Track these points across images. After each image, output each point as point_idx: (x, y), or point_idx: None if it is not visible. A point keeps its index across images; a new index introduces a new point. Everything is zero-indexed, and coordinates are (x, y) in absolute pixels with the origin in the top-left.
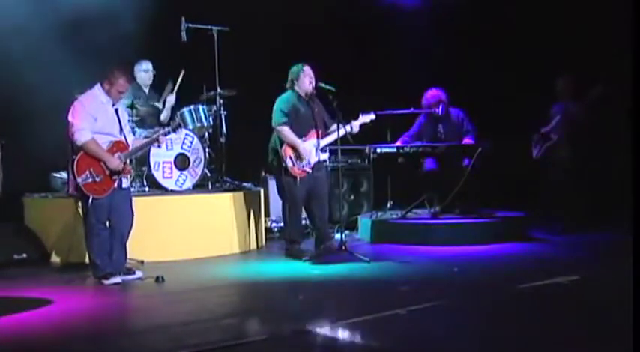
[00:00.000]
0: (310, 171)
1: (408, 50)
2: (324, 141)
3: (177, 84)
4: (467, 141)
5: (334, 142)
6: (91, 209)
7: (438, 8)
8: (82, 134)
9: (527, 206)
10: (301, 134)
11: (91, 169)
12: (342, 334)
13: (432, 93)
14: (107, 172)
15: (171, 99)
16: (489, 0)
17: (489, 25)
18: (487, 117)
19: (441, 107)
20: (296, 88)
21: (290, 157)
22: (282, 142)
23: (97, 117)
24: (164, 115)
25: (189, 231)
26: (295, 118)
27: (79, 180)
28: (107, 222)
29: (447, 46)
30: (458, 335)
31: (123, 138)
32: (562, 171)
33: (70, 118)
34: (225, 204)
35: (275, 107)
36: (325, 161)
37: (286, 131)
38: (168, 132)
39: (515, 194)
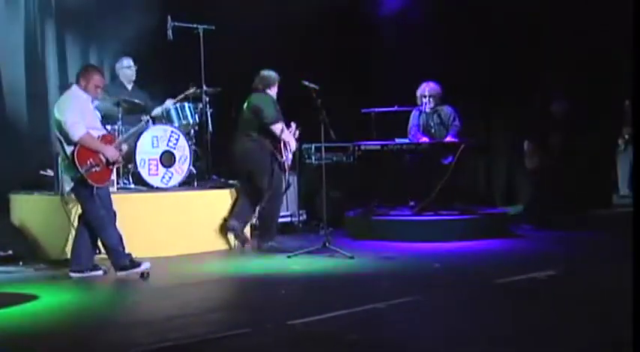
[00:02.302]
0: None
1: (395, 48)
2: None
3: (181, 97)
4: (449, 138)
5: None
6: (97, 200)
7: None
8: (77, 128)
9: (510, 202)
10: None
11: (90, 160)
12: (322, 327)
13: (425, 86)
14: (104, 162)
15: (169, 103)
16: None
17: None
18: (477, 114)
19: (425, 103)
20: (269, 91)
21: (283, 153)
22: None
23: (83, 114)
24: (156, 112)
25: (175, 227)
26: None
27: (82, 170)
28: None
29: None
30: (433, 328)
31: (106, 132)
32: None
33: (59, 116)
34: (210, 202)
35: (265, 106)
36: None
37: (282, 127)
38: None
39: (498, 190)
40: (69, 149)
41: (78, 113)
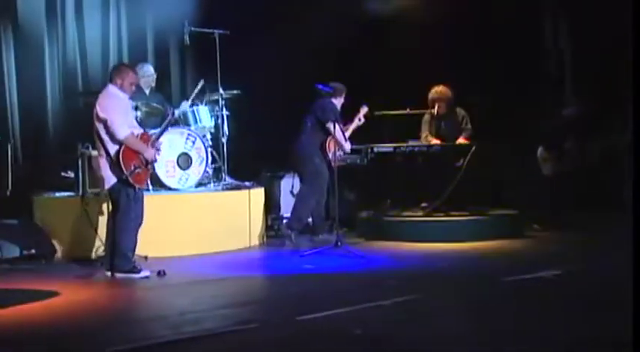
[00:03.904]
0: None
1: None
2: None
3: (195, 93)
4: (461, 140)
5: None
6: (133, 202)
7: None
8: (122, 129)
9: (519, 204)
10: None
11: (134, 162)
12: (329, 323)
13: (436, 90)
14: (144, 163)
15: (185, 105)
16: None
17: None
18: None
19: (437, 107)
20: (334, 100)
21: (332, 151)
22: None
23: (125, 114)
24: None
25: (192, 228)
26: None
27: (127, 172)
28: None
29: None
30: (437, 325)
31: (142, 131)
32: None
33: (104, 115)
34: (226, 203)
35: (327, 109)
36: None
37: (334, 127)
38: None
39: (508, 192)
40: (113, 149)
41: (122, 113)
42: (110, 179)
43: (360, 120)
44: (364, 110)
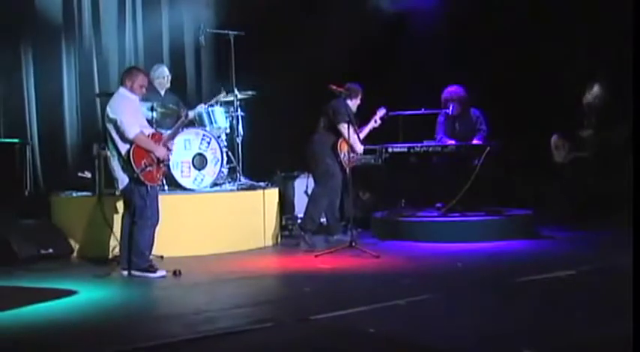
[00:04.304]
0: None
1: (421, 50)
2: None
3: (213, 100)
4: (476, 141)
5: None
6: (148, 201)
7: (453, 7)
8: (132, 128)
9: (535, 204)
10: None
11: (144, 160)
12: (342, 322)
13: (449, 90)
14: (156, 161)
15: (200, 108)
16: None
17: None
18: (501, 117)
19: (451, 107)
20: (349, 102)
21: (344, 151)
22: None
23: (136, 114)
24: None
25: (207, 228)
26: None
27: (138, 170)
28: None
29: (463, 46)
30: (452, 324)
31: (154, 131)
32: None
33: (114, 116)
34: (241, 203)
35: (340, 110)
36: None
37: (346, 128)
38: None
39: (524, 192)
40: (124, 148)
41: (132, 113)
42: (124, 180)
43: (375, 122)
44: (381, 112)
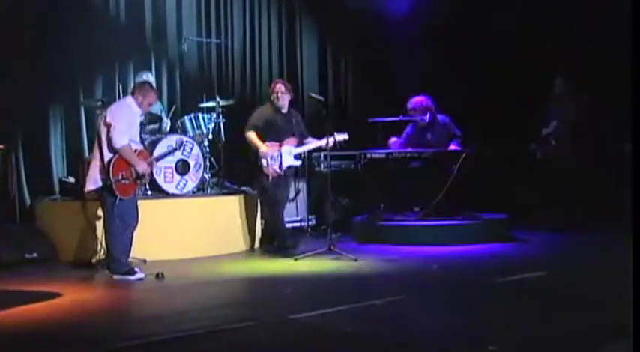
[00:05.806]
0: (282, 173)
1: (398, 56)
2: (298, 149)
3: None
4: (453, 147)
5: (323, 148)
6: (117, 210)
7: (425, 14)
8: (121, 137)
9: (510, 207)
10: (277, 140)
11: (123, 172)
12: (320, 321)
13: (416, 100)
14: (134, 176)
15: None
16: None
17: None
18: (474, 121)
19: (428, 115)
20: (274, 101)
21: (266, 158)
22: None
23: (131, 126)
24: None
25: (189, 232)
26: (269, 127)
27: (113, 179)
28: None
29: (435, 51)
30: (426, 323)
31: (143, 148)
32: (561, 172)
33: (110, 120)
34: (223, 207)
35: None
36: (296, 166)
37: (251, 135)
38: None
39: (499, 196)
40: (108, 155)
41: (128, 124)
42: (94, 182)
43: (328, 144)
44: (342, 137)
